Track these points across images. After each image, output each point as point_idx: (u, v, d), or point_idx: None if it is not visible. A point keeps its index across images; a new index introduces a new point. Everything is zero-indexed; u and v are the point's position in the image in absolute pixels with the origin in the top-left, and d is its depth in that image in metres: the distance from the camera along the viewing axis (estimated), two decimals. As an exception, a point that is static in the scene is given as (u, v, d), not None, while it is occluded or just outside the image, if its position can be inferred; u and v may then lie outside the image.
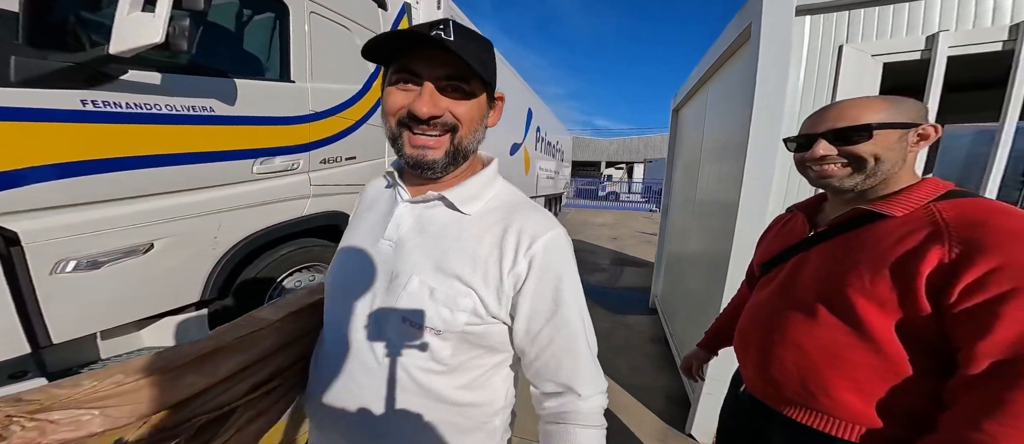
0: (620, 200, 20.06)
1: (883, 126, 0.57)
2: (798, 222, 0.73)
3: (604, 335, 2.95)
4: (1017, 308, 0.44)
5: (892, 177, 0.59)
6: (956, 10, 1.15)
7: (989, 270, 0.46)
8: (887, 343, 0.54)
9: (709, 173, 2.08)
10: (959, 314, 0.48)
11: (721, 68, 1.95)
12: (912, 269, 0.50)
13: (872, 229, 0.57)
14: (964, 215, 0.50)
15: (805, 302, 0.62)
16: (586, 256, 6.05)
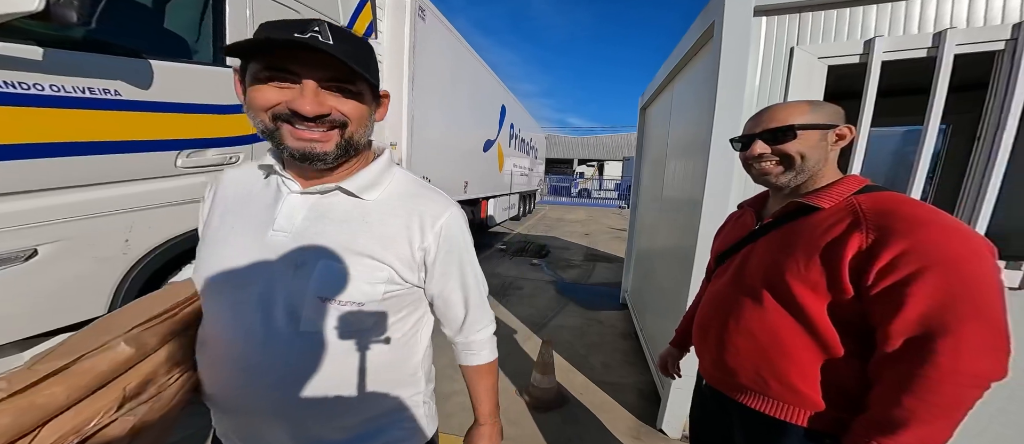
0: (592, 197, 20.60)
1: (804, 127, 0.64)
2: (747, 217, 0.79)
3: (579, 332, 2.95)
4: (922, 287, 0.50)
5: (818, 173, 0.66)
6: (889, 17, 1.22)
7: (899, 253, 0.51)
8: (821, 326, 0.59)
9: (674, 170, 2.12)
10: (875, 296, 0.53)
11: (686, 67, 1.99)
12: (837, 254, 0.56)
13: (806, 220, 0.63)
14: (878, 206, 0.57)
15: (754, 290, 0.67)
16: (561, 253, 6.10)
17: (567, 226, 9.50)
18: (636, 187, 3.43)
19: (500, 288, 4.18)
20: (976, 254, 0.50)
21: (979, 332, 0.48)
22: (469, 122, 5.39)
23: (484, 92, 5.95)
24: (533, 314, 3.38)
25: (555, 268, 5.09)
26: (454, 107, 4.75)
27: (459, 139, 5.06)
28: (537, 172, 12.23)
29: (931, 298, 0.49)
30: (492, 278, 4.60)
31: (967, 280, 0.49)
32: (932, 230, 0.51)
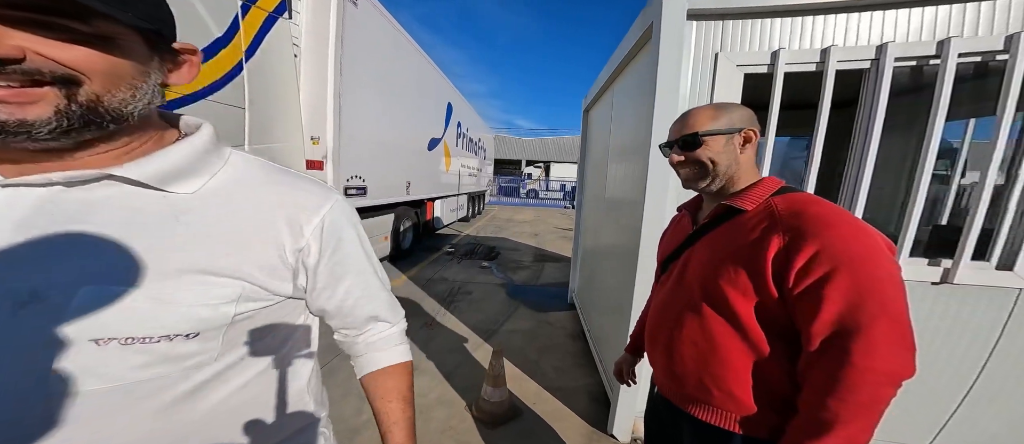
0: (540, 197, 21.21)
1: (708, 133, 0.65)
2: (685, 220, 0.81)
3: (530, 335, 2.88)
4: (835, 288, 0.52)
5: (735, 176, 0.67)
6: (790, 32, 1.34)
7: (812, 255, 0.53)
8: (751, 330, 0.61)
9: (616, 171, 2.16)
10: (796, 298, 0.55)
11: (626, 68, 2.03)
12: (760, 257, 0.58)
13: (733, 222, 0.65)
14: (790, 207, 0.59)
15: (692, 297, 0.67)
16: (510, 254, 6.05)
17: (516, 226, 9.55)
18: (581, 188, 3.51)
19: (448, 294, 3.93)
20: (878, 252, 0.53)
21: (887, 329, 0.50)
22: (411, 119, 5.03)
23: (428, 88, 5.62)
24: (484, 320, 3.22)
25: (505, 270, 5.00)
26: (394, 102, 4.38)
27: (400, 136, 4.68)
28: (486, 172, 12.16)
29: (843, 298, 0.51)
30: (440, 284, 4.32)
31: (873, 278, 0.51)
32: (839, 230, 0.53)
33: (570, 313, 3.35)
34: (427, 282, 4.39)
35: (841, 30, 1.28)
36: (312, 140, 2.94)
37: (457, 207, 8.24)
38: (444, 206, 7.05)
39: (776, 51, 1.31)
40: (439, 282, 4.40)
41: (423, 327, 3.08)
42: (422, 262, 5.41)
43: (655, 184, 1.42)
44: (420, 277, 4.61)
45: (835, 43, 1.27)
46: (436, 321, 3.18)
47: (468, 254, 5.98)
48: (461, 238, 7.62)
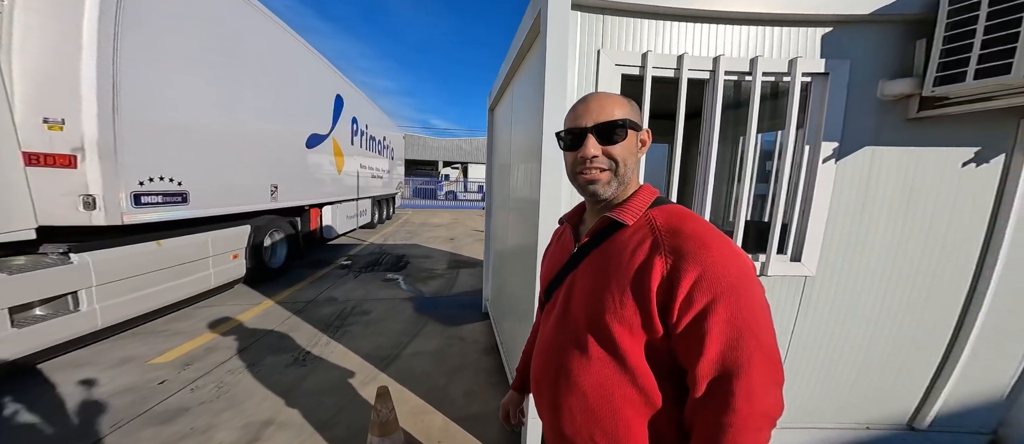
0: (459, 199, 20.78)
1: (630, 124, 0.56)
2: (566, 236, 0.69)
3: (438, 356, 2.56)
4: (715, 321, 0.47)
5: (628, 183, 0.59)
6: (656, 33, 1.32)
7: (693, 281, 0.48)
8: (641, 373, 0.53)
9: (519, 172, 2.06)
10: (681, 335, 0.49)
11: (522, 63, 1.94)
12: (646, 285, 0.50)
13: (614, 240, 0.57)
14: (669, 223, 0.54)
15: (578, 336, 0.58)
16: (422, 262, 5.54)
17: (431, 231, 8.96)
18: (489, 190, 3.37)
19: (336, 317, 3.26)
20: (750, 275, 0.49)
21: (763, 367, 0.47)
22: (278, 111, 4.09)
23: (306, 76, 4.72)
24: (382, 345, 2.74)
25: (414, 281, 4.51)
26: (244, 88, 3.44)
27: (256, 130, 3.73)
28: (396, 174, 11.23)
29: (723, 333, 0.47)
30: (325, 306, 3.56)
31: (747, 308, 0.48)
32: (714, 251, 0.49)
33: (484, 324, 3.17)
34: (306, 306, 3.57)
35: (692, 40, 1.34)
36: (46, 124, 1.97)
37: (357, 213, 7.22)
38: (338, 213, 6.03)
39: (645, 53, 1.32)
40: (324, 304, 3.63)
41: (290, 365, 2.41)
42: (302, 281, 4.43)
43: (549, 183, 1.33)
44: (296, 300, 3.74)
45: (687, 52, 1.34)
46: (310, 355, 2.54)
47: (369, 266, 5.22)
48: (362, 248, 6.65)
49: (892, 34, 1.23)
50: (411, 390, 2.16)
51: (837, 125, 1.30)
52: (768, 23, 1.26)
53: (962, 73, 1.00)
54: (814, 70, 1.25)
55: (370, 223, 8.50)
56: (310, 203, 5.09)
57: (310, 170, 4.93)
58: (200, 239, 3.21)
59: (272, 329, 3.00)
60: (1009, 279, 1.33)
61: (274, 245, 4.42)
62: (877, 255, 1.39)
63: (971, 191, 1.30)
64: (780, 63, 1.26)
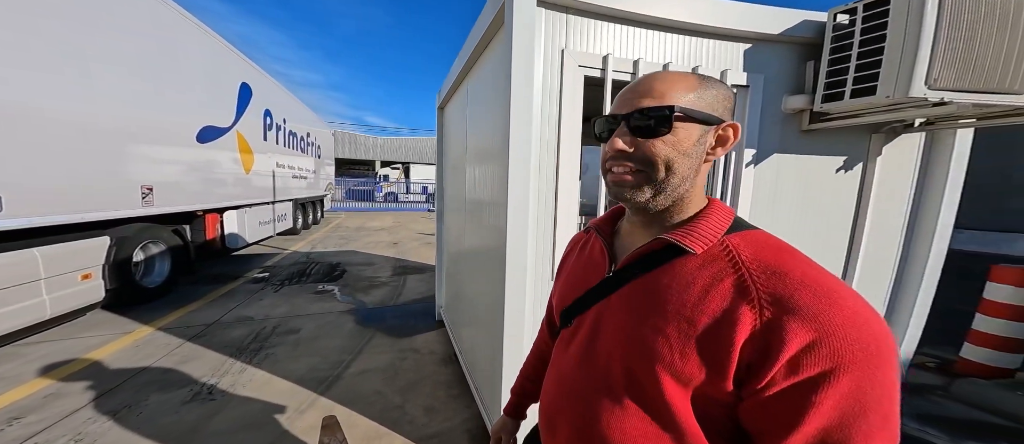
0: (400, 201, 19.50)
1: (686, 114, 0.42)
2: (596, 249, 0.56)
3: (390, 373, 2.30)
4: (831, 395, 0.36)
5: (687, 196, 0.46)
6: (616, 36, 1.33)
7: (806, 345, 0.36)
8: (690, 434, 0.42)
9: (476, 172, 1.99)
10: (768, 399, 0.38)
11: (479, 59, 1.87)
12: (725, 341, 0.39)
13: (673, 270, 0.45)
14: (762, 259, 0.41)
15: (611, 382, 0.47)
16: (363, 270, 5.00)
17: (370, 236, 8.18)
18: (440, 192, 3.20)
19: (248, 342, 2.72)
20: (889, 349, 0.37)
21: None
22: (145, 95, 3.32)
23: (194, 58, 3.92)
24: (317, 366, 2.36)
25: (354, 292, 4.03)
26: (82, 60, 2.73)
27: (111, 119, 2.97)
28: (324, 174, 10.06)
29: (838, 408, 0.36)
30: (235, 327, 2.94)
31: (879, 386, 0.36)
32: (841, 311, 0.37)
33: (439, 332, 2.98)
34: (206, 329, 2.91)
35: (645, 46, 1.40)
36: None
37: (274, 218, 6.23)
38: (247, 218, 5.11)
39: (606, 56, 1.34)
40: (234, 325, 3.00)
41: (189, 402, 1.92)
42: (197, 300, 3.63)
43: (517, 184, 1.29)
44: (189, 324, 3.03)
45: (641, 57, 1.40)
46: (217, 387, 2.06)
47: (295, 277, 4.50)
48: (283, 257, 5.72)
49: (793, 54, 1.50)
50: (361, 413, 1.89)
51: (755, 134, 1.54)
52: (706, 35, 1.41)
53: (841, 92, 1.29)
54: (739, 82, 1.47)
55: (292, 229, 7.43)
56: (205, 208, 4.22)
57: (204, 169, 4.10)
58: (22, 257, 2.37)
59: (154, 362, 2.35)
60: (867, 263, 1.72)
61: (150, 259, 3.57)
62: None
63: (843, 191, 1.66)
64: (715, 73, 1.45)
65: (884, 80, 1.13)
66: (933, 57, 1.04)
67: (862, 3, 1.21)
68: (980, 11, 1.01)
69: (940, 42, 1.03)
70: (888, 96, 1.14)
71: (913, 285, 1.74)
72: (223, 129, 4.44)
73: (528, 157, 1.29)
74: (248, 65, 5.10)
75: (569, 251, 0.65)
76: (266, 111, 5.73)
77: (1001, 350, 2.21)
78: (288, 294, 3.85)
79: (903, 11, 1.08)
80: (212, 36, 4.17)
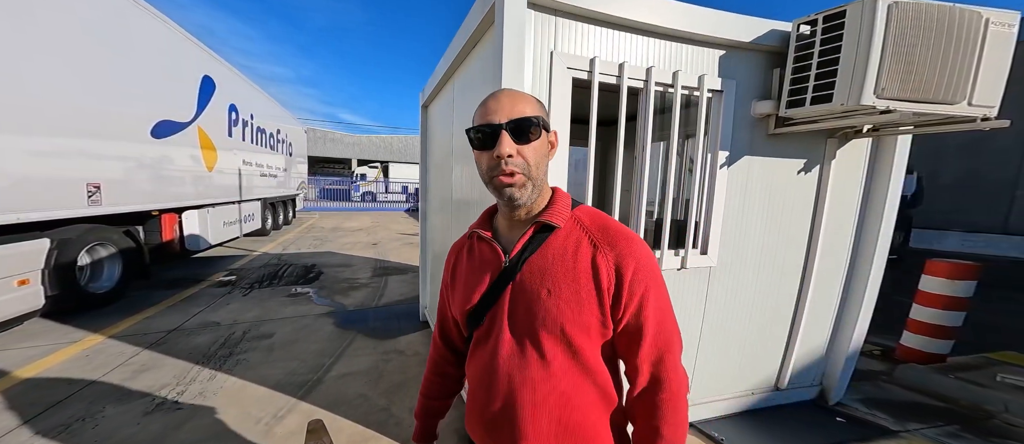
0: (379, 200, 18.91)
1: (540, 123, 0.53)
2: (485, 250, 0.62)
3: (374, 375, 2.24)
4: (651, 309, 0.51)
5: (543, 186, 0.58)
6: (602, 40, 1.36)
7: (633, 273, 0.51)
8: (599, 373, 0.55)
9: (462, 173, 1.98)
10: (625, 327, 0.53)
11: (467, 58, 1.86)
12: (599, 285, 0.52)
13: (549, 246, 0.56)
14: (595, 221, 0.56)
15: (536, 352, 0.54)
16: (340, 272, 4.81)
17: (347, 236, 7.88)
18: (424, 191, 3.15)
19: (215, 348, 2.56)
20: (657, 262, 0.56)
21: (679, 341, 0.54)
22: (91, 85, 3.06)
23: (149, 47, 3.66)
24: (296, 371, 2.25)
25: (331, 294, 3.87)
26: (13, 45, 2.46)
27: (50, 109, 2.73)
28: (296, 172, 9.60)
29: (655, 318, 0.52)
30: (198, 334, 2.75)
31: (664, 291, 0.54)
32: (639, 244, 0.53)
33: (424, 333, 2.93)
34: (167, 336, 2.72)
35: (630, 50, 1.45)
36: None
37: (240, 218, 5.88)
38: (210, 218, 4.80)
39: (593, 59, 1.38)
40: (198, 331, 2.81)
41: (151, 413, 1.80)
42: (155, 305, 3.38)
43: None
44: (146, 330, 2.82)
45: (627, 61, 1.44)
46: (183, 396, 1.91)
47: (266, 280, 4.27)
48: (251, 259, 5.39)
49: (762, 61, 1.60)
50: (346, 417, 1.83)
51: (728, 136, 1.64)
52: (685, 41, 1.49)
53: (803, 99, 1.41)
54: (714, 87, 1.56)
55: (261, 230, 7.04)
56: (161, 207, 3.93)
57: (159, 166, 3.83)
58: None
59: (107, 372, 2.16)
60: (824, 259, 1.87)
61: (98, 263, 3.29)
62: (752, 245, 1.77)
63: (803, 191, 1.80)
64: (693, 78, 1.52)
65: (839, 89, 1.25)
66: (881, 69, 1.17)
67: (822, 16, 1.33)
68: (920, 29, 1.15)
69: (887, 56, 1.16)
70: (843, 103, 1.26)
71: (863, 277, 1.92)
72: (182, 124, 4.16)
73: None
74: (211, 57, 4.82)
75: (454, 260, 0.68)
76: (231, 106, 5.43)
77: (935, 337, 2.46)
78: (259, 298, 3.64)
79: (856, 26, 1.20)
80: (168, 24, 3.88)
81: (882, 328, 2.88)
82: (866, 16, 1.18)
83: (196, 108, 4.43)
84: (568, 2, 1.28)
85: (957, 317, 2.43)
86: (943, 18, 1.16)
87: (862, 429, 1.83)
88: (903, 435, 1.78)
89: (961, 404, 2.07)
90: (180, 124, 4.12)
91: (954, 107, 1.25)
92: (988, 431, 1.83)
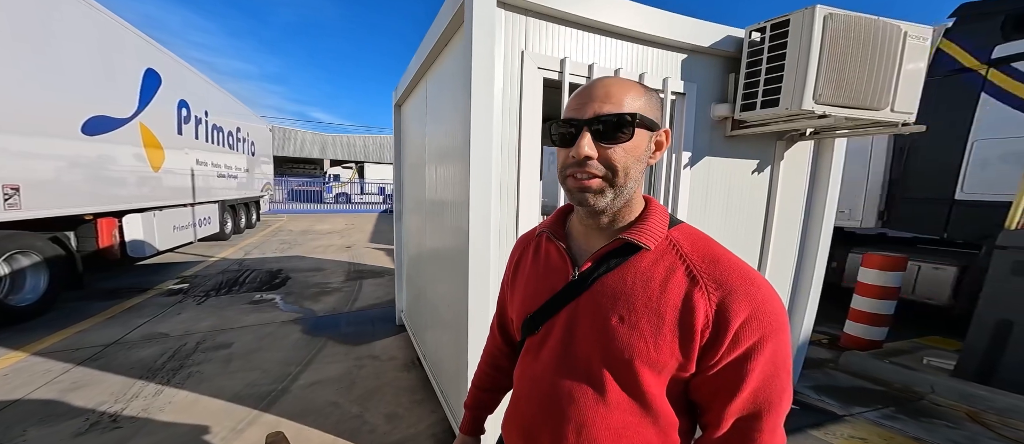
0: (353, 202, 18.18)
1: (645, 122, 0.45)
2: (554, 254, 0.56)
3: (346, 382, 2.14)
4: (759, 361, 0.43)
5: (633, 198, 0.50)
6: (572, 41, 1.38)
7: (743, 321, 0.42)
8: (664, 416, 0.48)
9: (437, 172, 1.96)
10: (717, 372, 0.44)
11: (438, 57, 1.85)
12: (688, 326, 0.44)
13: (633, 267, 0.48)
14: (699, 249, 0.47)
15: (593, 380, 0.49)
16: (311, 276, 4.57)
17: (318, 239, 7.51)
18: (398, 192, 3.08)
19: (163, 361, 2.35)
20: (785, 313, 0.45)
21: (787, 404, 0.45)
22: (16, 70, 2.75)
23: (79, 37, 3.34)
24: (257, 381, 2.12)
25: (300, 300, 3.67)
26: None
27: None
28: (261, 172, 9.07)
29: (764, 372, 0.43)
30: (142, 347, 2.52)
31: (785, 347, 0.44)
32: (760, 289, 0.44)
33: (400, 337, 2.84)
34: (104, 350, 2.47)
35: (599, 51, 1.48)
36: None
37: (194, 222, 5.48)
38: (156, 222, 4.43)
39: (563, 59, 1.39)
40: (142, 344, 2.58)
41: (85, 433, 1.64)
42: (89, 317, 3.07)
43: (479, 185, 1.29)
44: (78, 345, 2.54)
45: (596, 62, 1.47)
46: (124, 412, 1.75)
47: (223, 287, 3.97)
48: (207, 265, 5.01)
49: (719, 66, 1.70)
50: (314, 426, 1.74)
51: (690, 138, 1.75)
52: (650, 43, 1.55)
53: (754, 103, 1.53)
54: (677, 90, 1.65)
55: (220, 234, 6.56)
56: (96, 211, 3.56)
57: (93, 166, 3.50)
58: None
59: (30, 393, 1.93)
60: (776, 252, 2.02)
61: (19, 273, 2.94)
62: (714, 236, 1.91)
63: (757, 190, 1.95)
64: (658, 81, 1.59)
65: (784, 93, 1.38)
66: (819, 76, 1.30)
67: (770, 24, 1.46)
68: (850, 39, 1.29)
69: (823, 64, 1.28)
70: (787, 107, 1.38)
71: (809, 269, 2.11)
72: (120, 120, 3.81)
73: (489, 157, 1.30)
74: (156, 49, 4.48)
75: (519, 256, 0.64)
76: (181, 102, 5.06)
77: (872, 325, 2.73)
78: (215, 306, 3.37)
79: (798, 35, 1.32)
80: (101, 12, 3.54)
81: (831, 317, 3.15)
82: (806, 25, 1.30)
83: (138, 103, 4.08)
84: (538, 2, 1.30)
85: (889, 306, 2.72)
86: (870, 29, 1.31)
87: (815, 415, 1.97)
88: (848, 419, 1.95)
89: (894, 387, 2.29)
90: (118, 120, 3.76)
91: (879, 113, 1.40)
92: (918, 411, 2.03)
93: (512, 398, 0.60)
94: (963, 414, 2.00)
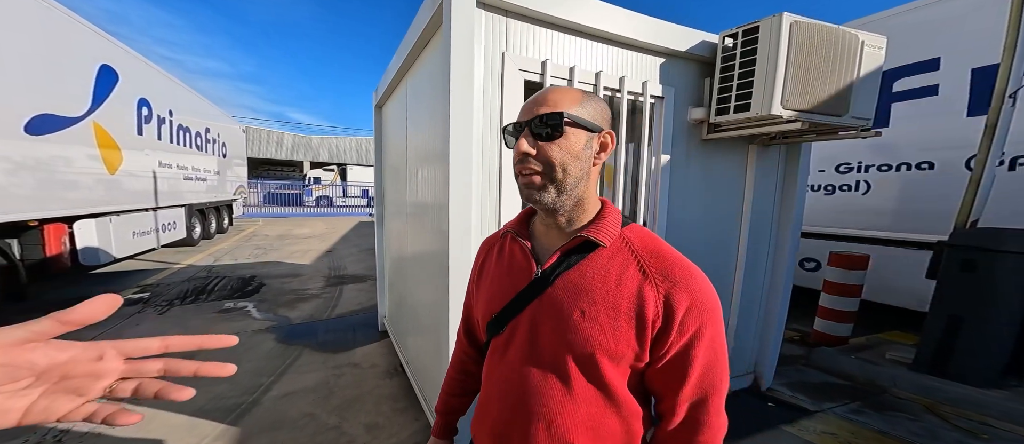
0: (335, 206, 17.62)
1: (572, 120, 0.48)
2: (518, 253, 0.58)
3: (323, 392, 2.05)
4: (701, 348, 0.47)
5: (585, 196, 0.53)
6: (553, 43, 1.39)
7: (686, 310, 0.46)
8: (626, 404, 0.51)
9: (418, 174, 1.91)
10: (667, 363, 0.48)
11: (418, 58, 1.82)
12: (643, 317, 0.47)
13: (592, 263, 0.51)
14: (647, 245, 0.51)
15: (559, 373, 0.51)
16: (287, 282, 4.37)
17: (296, 244, 7.22)
18: (379, 196, 3.00)
19: None
20: (719, 303, 0.49)
21: (726, 383, 0.49)
22: None
23: (20, 29, 3.09)
24: (224, 393, 1.99)
25: (274, 307, 3.50)
26: None
27: None
28: (233, 175, 8.66)
29: (706, 358, 0.47)
30: None
31: (721, 333, 0.49)
32: (698, 279, 0.48)
33: (383, 343, 2.75)
34: None
35: (580, 54, 1.49)
36: None
37: (157, 226, 5.18)
38: (113, 228, 4.15)
39: (544, 61, 1.40)
40: None
41: None
42: None
43: (458, 187, 1.27)
44: None
45: (577, 65, 1.49)
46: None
47: (190, 295, 3.74)
48: (172, 273, 4.71)
49: (696, 70, 1.76)
50: (288, 441, 1.66)
51: (668, 140, 1.79)
52: (630, 47, 1.58)
53: (728, 107, 1.59)
54: (656, 93, 1.69)
55: (187, 239, 6.20)
56: (42, 216, 3.29)
57: (39, 168, 3.24)
58: None
59: None
60: (750, 252, 2.07)
61: None
62: (693, 244, 1.92)
63: (731, 192, 2.01)
64: (638, 84, 1.62)
65: (755, 98, 1.44)
66: (786, 81, 1.36)
67: (742, 29, 1.52)
68: (813, 47, 1.36)
69: (790, 71, 1.35)
70: (758, 112, 1.44)
71: (781, 268, 2.20)
72: (70, 119, 3.55)
73: (470, 159, 1.28)
74: (112, 44, 4.21)
75: (484, 257, 0.65)
76: (141, 100, 4.78)
77: (837, 321, 2.86)
78: (179, 316, 3.16)
79: (767, 42, 1.39)
80: (44, 2, 3.28)
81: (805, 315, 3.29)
82: (775, 32, 1.37)
83: (91, 101, 3.80)
84: (518, 3, 1.30)
85: (853, 303, 2.87)
86: (831, 38, 1.39)
87: (788, 412, 2.04)
88: (819, 414, 2.02)
89: (859, 381, 2.40)
90: (68, 119, 3.49)
91: (841, 119, 1.49)
92: (882, 405, 2.13)
93: (480, 399, 0.61)
94: (922, 406, 2.11)
